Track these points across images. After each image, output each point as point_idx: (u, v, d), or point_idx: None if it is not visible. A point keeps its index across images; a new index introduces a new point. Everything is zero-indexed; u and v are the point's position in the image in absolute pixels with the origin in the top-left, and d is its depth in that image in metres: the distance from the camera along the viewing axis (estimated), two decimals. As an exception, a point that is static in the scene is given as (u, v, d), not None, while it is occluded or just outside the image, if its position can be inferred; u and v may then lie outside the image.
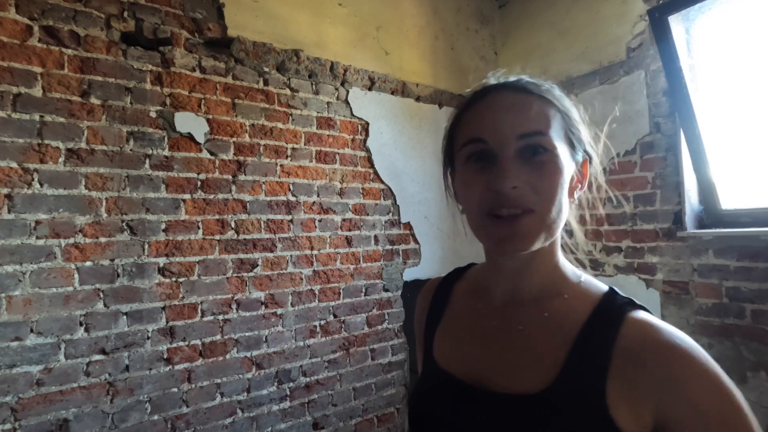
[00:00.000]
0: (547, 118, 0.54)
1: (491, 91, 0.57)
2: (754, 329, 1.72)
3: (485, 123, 0.54)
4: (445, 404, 0.58)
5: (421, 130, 2.40)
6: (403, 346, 2.25)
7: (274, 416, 1.82)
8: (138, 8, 1.58)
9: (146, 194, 1.58)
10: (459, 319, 0.67)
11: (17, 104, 1.36)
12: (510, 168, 0.51)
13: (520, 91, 0.55)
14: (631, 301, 0.53)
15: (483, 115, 0.55)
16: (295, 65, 1.95)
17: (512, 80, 0.58)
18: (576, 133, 0.57)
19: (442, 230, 2.46)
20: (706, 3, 1.80)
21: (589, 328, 0.52)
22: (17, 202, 1.36)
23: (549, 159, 0.52)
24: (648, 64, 2.04)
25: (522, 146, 0.52)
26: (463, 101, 0.61)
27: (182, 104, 1.66)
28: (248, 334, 1.78)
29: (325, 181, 2.04)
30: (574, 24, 2.36)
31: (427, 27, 2.48)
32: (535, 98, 0.54)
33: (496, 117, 0.54)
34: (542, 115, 0.53)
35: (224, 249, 1.74)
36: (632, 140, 2.10)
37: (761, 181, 1.82)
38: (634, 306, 0.52)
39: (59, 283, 1.41)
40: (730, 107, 1.88)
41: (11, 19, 1.36)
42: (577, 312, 0.54)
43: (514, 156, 0.52)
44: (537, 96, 0.55)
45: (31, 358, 1.35)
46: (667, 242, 1.99)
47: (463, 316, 0.67)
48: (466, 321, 0.65)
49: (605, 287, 0.57)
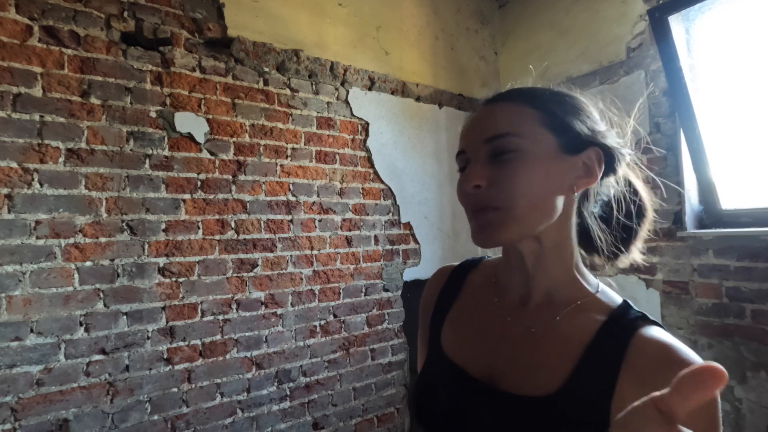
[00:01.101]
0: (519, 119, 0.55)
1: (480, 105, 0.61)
2: (754, 329, 1.72)
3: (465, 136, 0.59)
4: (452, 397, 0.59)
5: (421, 130, 2.40)
6: (403, 346, 2.25)
7: (274, 416, 1.82)
8: (138, 8, 1.58)
9: (146, 194, 1.58)
10: (471, 311, 0.67)
11: (17, 104, 1.36)
12: (474, 170, 0.55)
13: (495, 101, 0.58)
14: (644, 316, 0.53)
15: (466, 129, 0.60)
16: (295, 65, 1.95)
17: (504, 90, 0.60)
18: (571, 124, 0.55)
19: (442, 230, 2.46)
20: (706, 3, 1.80)
21: (599, 340, 0.52)
22: (17, 202, 1.36)
23: (513, 157, 0.54)
24: (648, 64, 2.04)
25: (489, 150, 0.55)
26: None
27: (182, 104, 1.66)
28: (248, 334, 1.78)
29: (325, 181, 2.04)
30: (574, 24, 2.36)
31: (427, 27, 2.48)
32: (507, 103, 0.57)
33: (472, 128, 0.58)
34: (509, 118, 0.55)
35: (224, 249, 1.74)
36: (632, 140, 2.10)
37: (761, 181, 1.82)
38: (646, 321, 0.52)
39: (59, 283, 1.41)
40: (730, 107, 1.87)
41: (11, 19, 1.36)
42: (589, 321, 0.54)
43: (485, 160, 0.55)
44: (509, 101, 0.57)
45: (31, 358, 1.35)
46: (667, 242, 1.99)
47: (476, 308, 0.67)
48: (479, 314, 0.65)
49: (620, 299, 0.57)
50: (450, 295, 0.71)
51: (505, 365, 0.57)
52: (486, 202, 0.55)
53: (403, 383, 2.25)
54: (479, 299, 0.67)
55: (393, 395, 2.20)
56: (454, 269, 0.75)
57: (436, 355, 0.66)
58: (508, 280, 0.64)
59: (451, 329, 0.67)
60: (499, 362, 0.58)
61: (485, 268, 0.72)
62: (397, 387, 2.22)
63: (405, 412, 2.24)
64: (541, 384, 0.52)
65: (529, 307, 0.59)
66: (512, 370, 0.56)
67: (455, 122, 2.54)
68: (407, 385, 2.26)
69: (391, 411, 2.19)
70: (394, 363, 2.22)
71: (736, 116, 1.86)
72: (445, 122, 2.50)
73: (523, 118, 0.55)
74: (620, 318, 0.53)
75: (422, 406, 0.62)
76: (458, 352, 0.63)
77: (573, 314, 0.56)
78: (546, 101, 0.56)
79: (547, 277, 0.58)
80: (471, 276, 0.72)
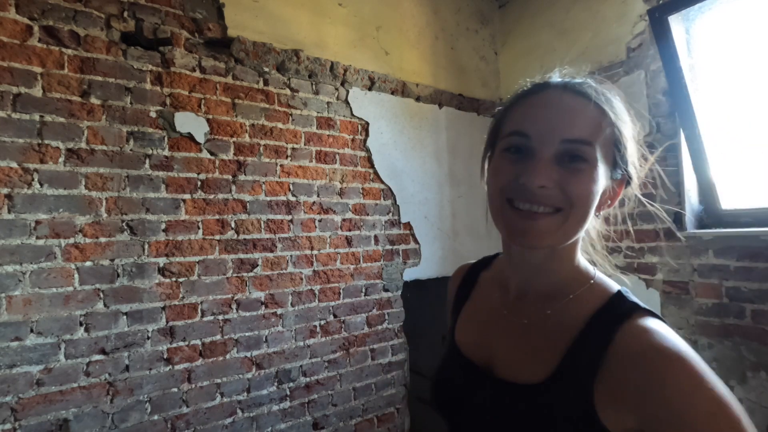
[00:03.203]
0: (597, 129, 0.52)
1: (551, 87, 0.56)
2: (754, 329, 1.71)
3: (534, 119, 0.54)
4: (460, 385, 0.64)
5: (421, 130, 2.40)
6: (403, 346, 2.25)
7: (274, 416, 1.82)
8: (138, 8, 1.58)
9: (146, 194, 1.58)
10: (479, 306, 0.72)
11: (17, 104, 1.36)
12: (544, 168, 0.51)
13: (579, 95, 0.54)
14: (637, 305, 0.52)
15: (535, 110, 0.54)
16: (295, 65, 1.95)
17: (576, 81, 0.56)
18: (621, 151, 0.55)
19: (442, 230, 2.46)
20: (706, 3, 1.80)
21: (588, 329, 0.53)
22: (17, 202, 1.36)
23: (586, 168, 0.51)
24: (648, 64, 2.04)
25: (563, 150, 0.52)
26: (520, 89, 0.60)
27: (182, 104, 1.66)
28: (248, 334, 1.78)
29: (325, 181, 2.04)
30: (574, 24, 2.36)
31: (427, 27, 2.48)
32: (592, 106, 0.53)
33: (546, 115, 0.53)
34: (593, 125, 0.52)
35: (224, 249, 1.74)
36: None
37: (761, 181, 1.81)
38: (639, 310, 0.52)
39: (59, 283, 1.41)
40: (730, 107, 1.87)
41: (11, 19, 1.36)
42: (581, 311, 0.55)
43: (551, 157, 0.52)
44: (595, 104, 0.53)
45: (31, 358, 1.35)
46: (667, 242, 1.99)
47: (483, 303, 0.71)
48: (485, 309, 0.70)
49: (615, 289, 0.57)
50: (465, 292, 0.76)
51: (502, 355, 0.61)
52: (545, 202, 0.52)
53: (403, 383, 2.24)
54: (487, 295, 0.72)
55: (393, 395, 2.20)
56: (470, 268, 0.80)
57: (451, 348, 0.71)
58: (509, 275, 0.66)
59: (463, 324, 0.72)
60: (497, 352, 0.61)
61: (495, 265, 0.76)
62: (397, 387, 2.22)
63: (405, 412, 2.24)
64: (533, 372, 0.54)
65: (525, 300, 0.62)
66: (508, 359, 0.59)
67: (455, 122, 2.54)
68: (407, 385, 2.26)
69: (391, 411, 2.19)
70: (394, 363, 2.22)
71: (736, 116, 1.86)
72: (445, 122, 2.50)
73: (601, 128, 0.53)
74: (612, 307, 0.54)
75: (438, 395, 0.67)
76: (467, 344, 0.68)
77: (566, 305, 0.57)
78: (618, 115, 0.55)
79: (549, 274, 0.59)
80: (484, 274, 0.76)
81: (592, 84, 0.56)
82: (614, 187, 0.57)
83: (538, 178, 0.51)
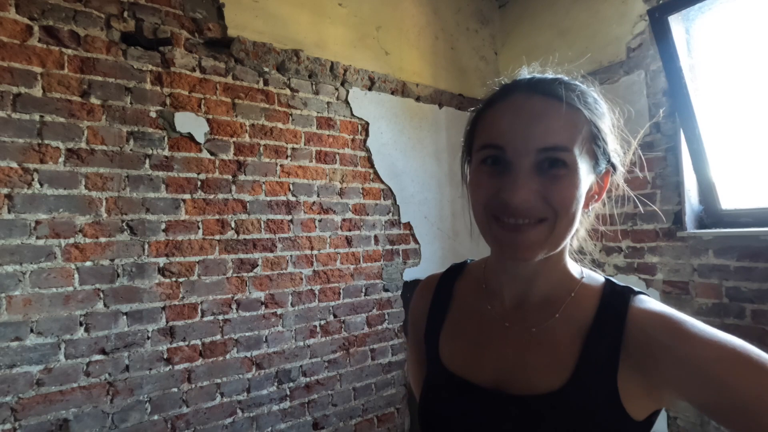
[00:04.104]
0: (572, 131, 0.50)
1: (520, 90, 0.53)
2: (754, 329, 1.71)
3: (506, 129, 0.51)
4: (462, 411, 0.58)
5: (421, 130, 2.40)
6: (403, 346, 2.25)
7: (274, 416, 1.82)
8: (138, 8, 1.58)
9: (146, 194, 1.58)
10: (466, 320, 0.65)
11: (17, 104, 1.36)
12: (523, 181, 0.50)
13: (550, 96, 0.51)
14: (630, 288, 0.55)
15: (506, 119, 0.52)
16: (295, 65, 1.95)
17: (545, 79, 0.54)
18: (602, 146, 0.53)
19: (442, 230, 2.46)
20: (706, 3, 1.80)
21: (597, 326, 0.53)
22: (17, 202, 1.36)
23: (566, 174, 0.50)
24: (648, 64, 2.04)
25: (540, 159, 0.50)
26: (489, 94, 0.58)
27: (182, 104, 1.66)
28: (248, 334, 1.78)
29: (325, 181, 2.04)
30: (574, 24, 2.36)
31: (427, 27, 2.48)
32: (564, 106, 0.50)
33: (517, 123, 0.51)
34: (568, 128, 0.50)
35: (224, 249, 1.74)
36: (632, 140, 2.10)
37: (761, 181, 1.81)
38: (633, 293, 0.54)
39: (59, 283, 1.41)
40: (730, 107, 1.87)
41: (11, 19, 1.36)
42: (584, 309, 0.55)
43: (530, 168, 0.50)
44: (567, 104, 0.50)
45: (31, 358, 1.35)
46: (667, 242, 1.99)
47: (470, 317, 0.65)
48: (475, 322, 0.64)
49: (602, 278, 0.59)
50: (441, 307, 0.69)
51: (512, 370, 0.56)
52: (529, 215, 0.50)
53: (403, 383, 2.24)
54: (471, 308, 0.66)
55: (393, 395, 2.20)
56: (439, 280, 0.73)
57: (438, 371, 0.64)
58: (499, 284, 0.62)
59: (448, 342, 0.65)
60: (506, 368, 0.57)
61: (471, 274, 0.70)
62: (397, 387, 2.22)
63: (405, 412, 2.24)
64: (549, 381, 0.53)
65: (526, 309, 0.59)
66: (519, 372, 0.56)
67: (455, 122, 2.54)
68: (407, 385, 2.26)
69: (391, 411, 2.19)
70: (394, 363, 2.22)
71: (736, 116, 1.86)
72: (445, 122, 2.50)
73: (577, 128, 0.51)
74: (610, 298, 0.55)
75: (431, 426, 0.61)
76: (459, 364, 0.62)
77: (569, 308, 0.57)
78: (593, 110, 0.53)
79: (545, 279, 0.59)
80: (458, 284, 0.70)
81: (563, 80, 0.53)
82: (599, 180, 0.57)
83: (518, 194, 0.49)
